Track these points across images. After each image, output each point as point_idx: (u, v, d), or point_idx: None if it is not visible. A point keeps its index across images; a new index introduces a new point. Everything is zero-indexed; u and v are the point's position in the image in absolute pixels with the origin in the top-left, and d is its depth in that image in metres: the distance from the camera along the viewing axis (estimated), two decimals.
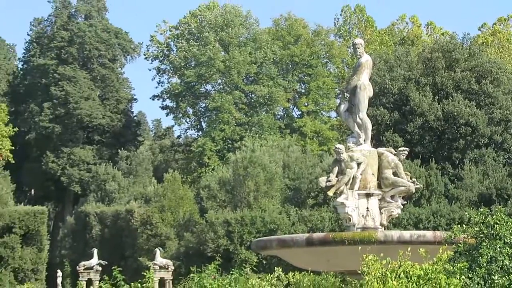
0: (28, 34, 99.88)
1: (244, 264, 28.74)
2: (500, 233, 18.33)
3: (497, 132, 58.75)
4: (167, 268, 50.56)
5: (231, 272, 24.16)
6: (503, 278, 17.30)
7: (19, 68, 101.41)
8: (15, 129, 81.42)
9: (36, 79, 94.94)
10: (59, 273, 57.00)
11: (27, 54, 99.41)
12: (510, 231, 18.49)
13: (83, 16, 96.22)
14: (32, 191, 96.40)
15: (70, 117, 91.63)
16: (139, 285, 16.80)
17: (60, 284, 53.80)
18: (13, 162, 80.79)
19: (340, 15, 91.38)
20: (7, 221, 62.32)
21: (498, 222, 18.51)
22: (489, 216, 18.99)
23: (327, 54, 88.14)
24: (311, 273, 31.05)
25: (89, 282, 51.14)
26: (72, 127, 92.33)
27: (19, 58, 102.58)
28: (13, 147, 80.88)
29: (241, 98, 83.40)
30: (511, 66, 68.54)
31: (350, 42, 32.18)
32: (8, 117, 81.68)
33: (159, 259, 50.66)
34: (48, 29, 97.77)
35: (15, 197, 74.66)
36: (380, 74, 56.24)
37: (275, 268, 27.86)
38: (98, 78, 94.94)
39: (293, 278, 27.60)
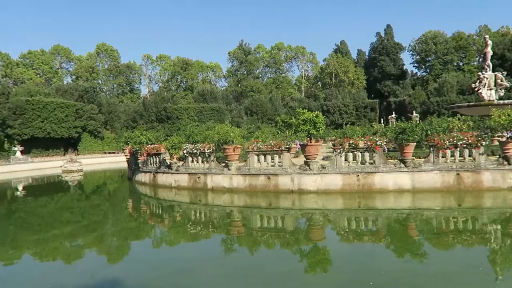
0: (369, 49, 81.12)
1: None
2: None
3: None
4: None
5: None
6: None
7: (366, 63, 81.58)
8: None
9: (374, 63, 77.68)
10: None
11: (369, 58, 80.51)
12: None
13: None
14: None
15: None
16: None
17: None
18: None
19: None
20: None
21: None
22: None
23: None
24: (471, 117, 25.15)
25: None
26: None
27: (365, 58, 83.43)
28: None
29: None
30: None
31: None
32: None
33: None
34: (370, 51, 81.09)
35: None
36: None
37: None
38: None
39: (461, 117, 24.76)
